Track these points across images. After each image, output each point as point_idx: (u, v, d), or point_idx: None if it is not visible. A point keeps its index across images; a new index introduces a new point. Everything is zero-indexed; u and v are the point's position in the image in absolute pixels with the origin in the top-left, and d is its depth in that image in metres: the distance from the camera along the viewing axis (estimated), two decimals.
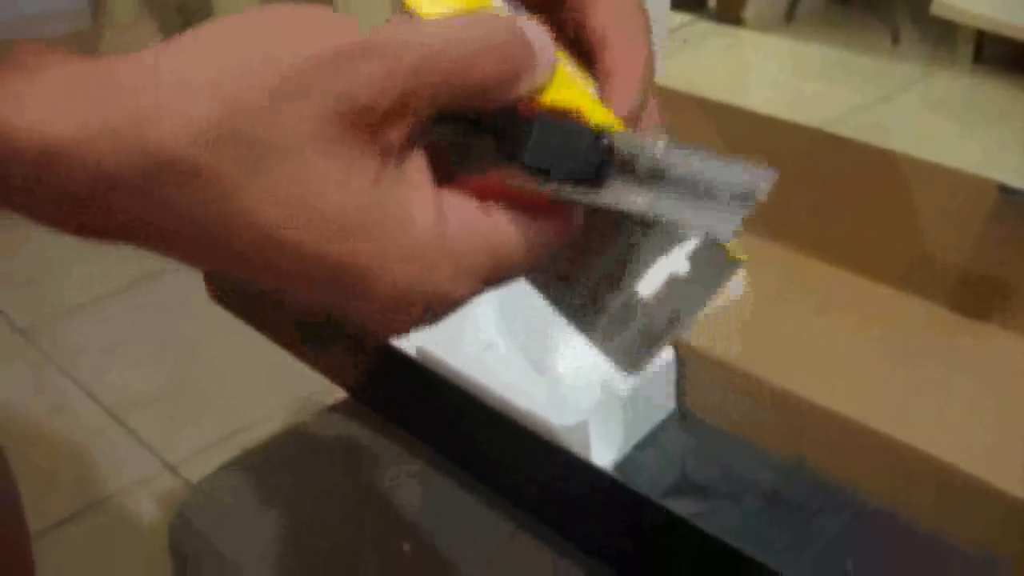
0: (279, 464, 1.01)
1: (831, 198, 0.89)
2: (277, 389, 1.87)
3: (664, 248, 0.46)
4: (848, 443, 0.73)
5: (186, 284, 1.82)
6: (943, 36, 2.82)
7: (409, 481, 0.92)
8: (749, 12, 3.14)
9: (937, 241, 0.83)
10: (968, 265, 0.81)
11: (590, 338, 0.50)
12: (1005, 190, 0.79)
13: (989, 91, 2.34)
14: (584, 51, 0.47)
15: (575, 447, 0.75)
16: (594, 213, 0.43)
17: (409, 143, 0.38)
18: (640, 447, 0.78)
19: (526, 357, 0.87)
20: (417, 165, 0.39)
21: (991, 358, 0.78)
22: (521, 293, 0.90)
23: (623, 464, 0.77)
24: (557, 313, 0.52)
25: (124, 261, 2.46)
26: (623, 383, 0.77)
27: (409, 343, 0.87)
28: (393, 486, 0.93)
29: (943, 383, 0.75)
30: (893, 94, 2.00)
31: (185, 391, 1.97)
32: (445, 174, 0.41)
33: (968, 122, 2.03)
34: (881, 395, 0.74)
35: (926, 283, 0.83)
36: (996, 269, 0.80)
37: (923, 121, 1.90)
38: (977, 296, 0.81)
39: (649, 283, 0.47)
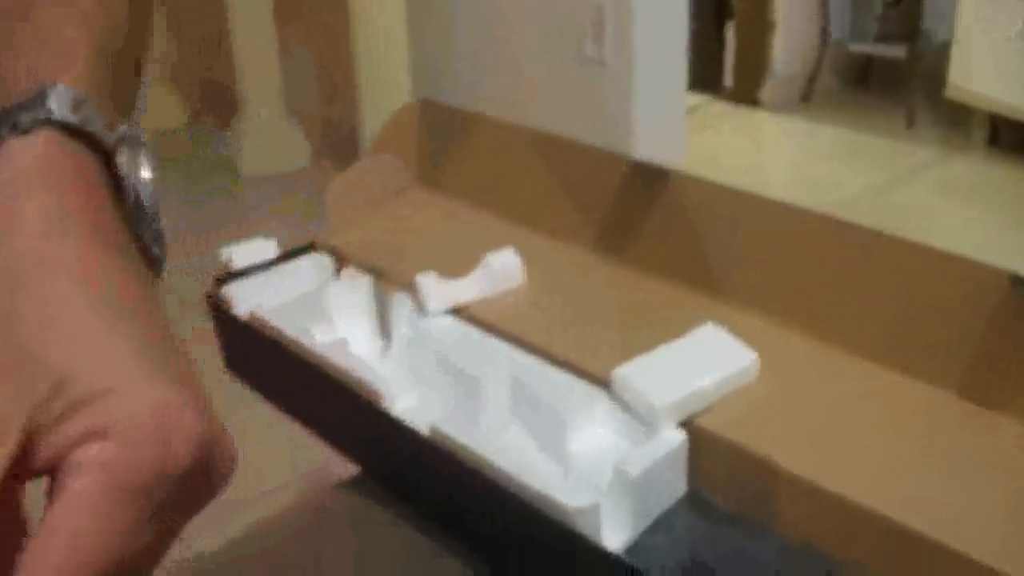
0: (286, 540, 1.01)
1: (843, 284, 0.90)
2: (288, 461, 1.87)
3: None
4: (859, 529, 0.73)
5: (201, 354, 1.83)
6: (957, 120, 2.84)
7: (419, 562, 0.93)
8: (765, 93, 3.17)
9: (948, 329, 0.83)
10: (978, 354, 0.82)
11: None
12: (1018, 281, 0.79)
13: (1003, 175, 2.35)
14: None
15: (586, 529, 0.75)
16: None
17: None
18: (651, 530, 0.78)
19: (538, 437, 0.88)
20: None
21: (1002, 447, 0.78)
22: (533, 373, 0.91)
23: (634, 548, 0.77)
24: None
25: None
26: (634, 465, 0.78)
27: (420, 420, 0.87)
28: (404, 567, 0.93)
29: (955, 471, 0.75)
30: (907, 177, 2.01)
31: None
32: None
33: (982, 206, 2.03)
34: (892, 482, 0.74)
35: (937, 371, 0.84)
36: (1006, 359, 0.81)
37: (936, 205, 1.91)
38: (987, 384, 0.81)
39: None
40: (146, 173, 0.56)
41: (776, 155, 1.88)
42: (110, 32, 0.57)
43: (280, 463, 1.85)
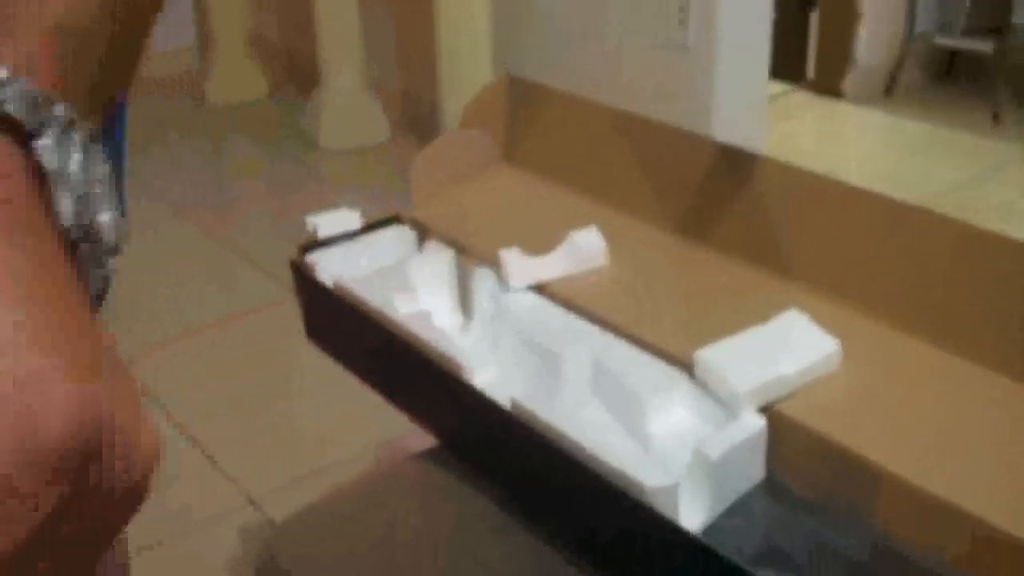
0: (365, 508, 1.03)
1: (928, 276, 0.89)
2: (365, 430, 1.90)
3: None
4: (937, 521, 0.73)
5: (282, 320, 1.87)
6: None
7: (494, 535, 0.94)
8: (847, 85, 3.14)
9: None
10: None
11: None
12: None
13: None
14: None
15: (664, 509, 0.76)
16: None
17: None
18: (728, 513, 0.79)
19: (618, 416, 0.88)
20: None
21: None
22: (614, 352, 0.91)
23: (711, 529, 0.77)
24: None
25: (220, 294, 2.51)
26: (714, 448, 0.78)
27: (501, 394, 0.88)
28: (479, 539, 0.94)
29: None
30: (992, 173, 1.98)
31: (272, 427, 2.00)
32: None
33: None
34: (973, 475, 0.74)
35: (1022, 366, 0.83)
36: None
37: (1021, 203, 1.88)
38: None
39: None
40: (77, 156, 0.54)
41: (857, 147, 1.86)
42: (73, 11, 0.56)
43: (358, 433, 1.88)
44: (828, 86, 1.88)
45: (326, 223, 1.14)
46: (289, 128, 3.61)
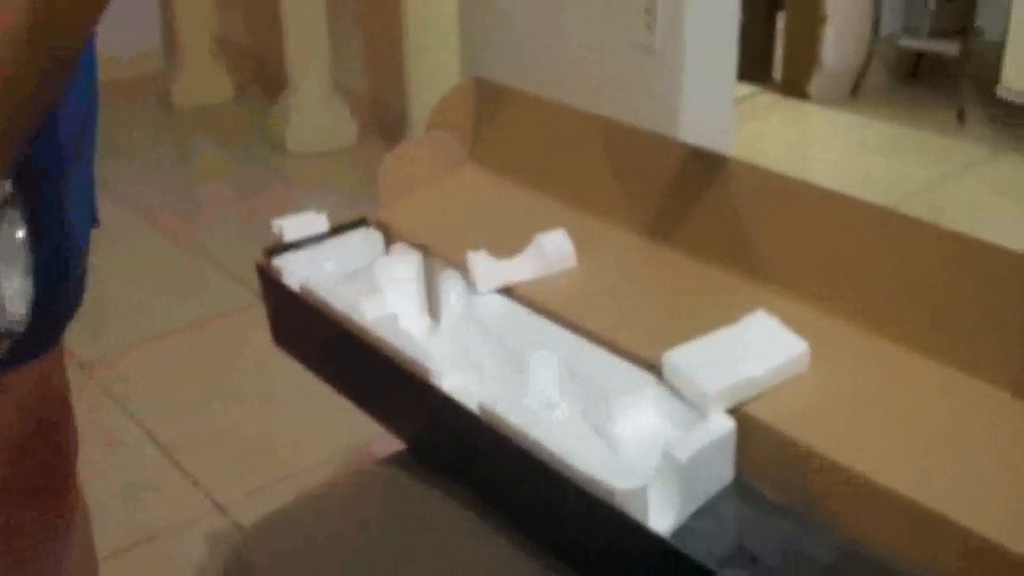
0: (333, 513, 1.02)
1: (896, 276, 0.89)
2: (334, 435, 1.88)
3: None
4: (907, 524, 0.72)
5: (250, 325, 1.85)
6: (1009, 119, 2.81)
7: (463, 539, 0.93)
8: (814, 86, 3.15)
9: (1004, 326, 0.83)
10: None
11: None
12: None
13: None
14: None
15: (634, 512, 0.75)
16: None
17: None
18: (698, 515, 0.78)
19: (587, 419, 0.88)
20: None
21: None
22: (583, 354, 0.91)
23: (681, 531, 0.77)
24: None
25: (188, 299, 2.50)
26: (683, 450, 0.78)
27: (469, 398, 0.88)
28: (447, 544, 0.93)
29: (1010, 469, 0.75)
30: (958, 174, 2.00)
31: (240, 432, 1.98)
32: None
33: None
34: (944, 479, 0.74)
35: (989, 367, 0.83)
36: None
37: (988, 202, 1.90)
38: None
39: None
40: None
41: (824, 148, 1.86)
42: None
43: (326, 437, 1.86)
44: (795, 88, 1.89)
45: (292, 226, 1.13)
46: (256, 131, 3.59)
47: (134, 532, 1.73)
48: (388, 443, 1.05)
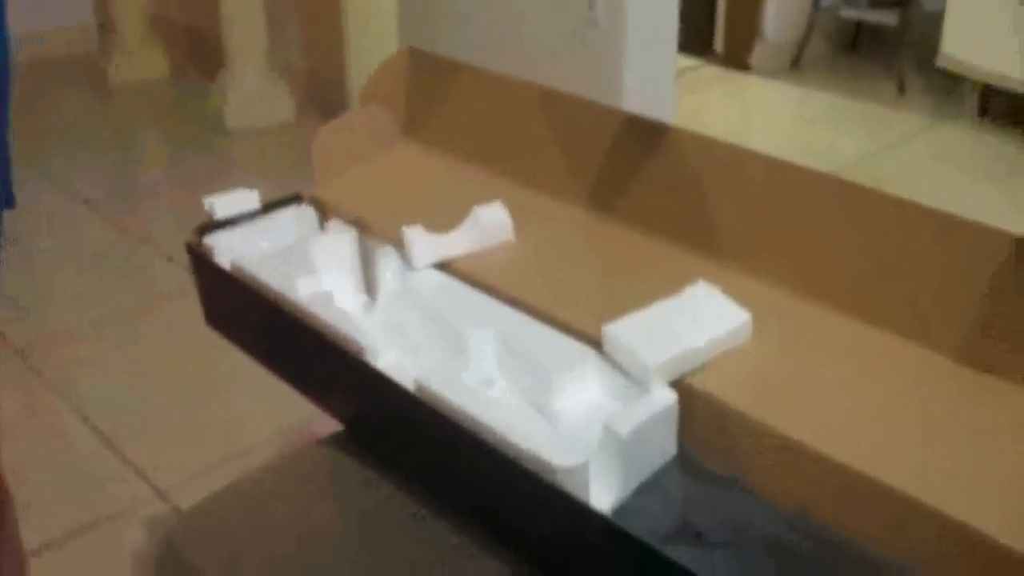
0: (269, 496, 1.00)
1: (839, 245, 0.88)
2: (271, 417, 1.86)
3: None
4: (849, 493, 0.71)
5: (184, 309, 1.82)
6: (949, 88, 2.83)
7: (401, 520, 0.91)
8: (755, 58, 3.15)
9: (945, 291, 0.82)
10: (975, 318, 0.80)
11: None
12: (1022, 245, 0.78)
13: (994, 144, 2.34)
14: None
15: (575, 489, 0.73)
16: None
17: None
18: (641, 491, 0.77)
19: (526, 395, 0.86)
20: None
21: (997, 410, 0.77)
22: (521, 329, 0.89)
23: (623, 509, 0.75)
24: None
25: (123, 286, 2.45)
26: (624, 424, 0.76)
27: (405, 375, 0.85)
28: (384, 525, 0.91)
29: (948, 435, 0.74)
30: (899, 144, 2.00)
31: (180, 416, 1.95)
32: None
33: (974, 174, 2.03)
34: (884, 446, 0.73)
35: (932, 333, 0.83)
36: (1003, 323, 0.79)
37: (929, 172, 1.91)
38: (983, 348, 0.80)
39: None
40: None
41: (766, 119, 1.86)
42: None
43: (262, 419, 1.84)
44: (736, 60, 1.88)
45: (224, 204, 1.10)
46: (194, 110, 3.54)
47: (74, 520, 1.70)
48: (328, 422, 1.03)
